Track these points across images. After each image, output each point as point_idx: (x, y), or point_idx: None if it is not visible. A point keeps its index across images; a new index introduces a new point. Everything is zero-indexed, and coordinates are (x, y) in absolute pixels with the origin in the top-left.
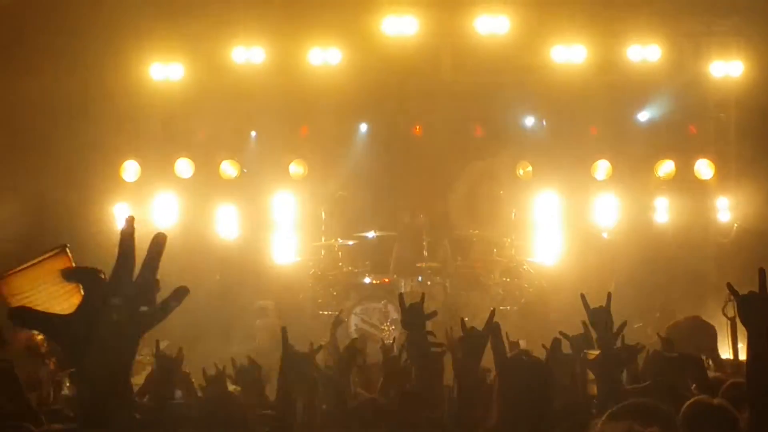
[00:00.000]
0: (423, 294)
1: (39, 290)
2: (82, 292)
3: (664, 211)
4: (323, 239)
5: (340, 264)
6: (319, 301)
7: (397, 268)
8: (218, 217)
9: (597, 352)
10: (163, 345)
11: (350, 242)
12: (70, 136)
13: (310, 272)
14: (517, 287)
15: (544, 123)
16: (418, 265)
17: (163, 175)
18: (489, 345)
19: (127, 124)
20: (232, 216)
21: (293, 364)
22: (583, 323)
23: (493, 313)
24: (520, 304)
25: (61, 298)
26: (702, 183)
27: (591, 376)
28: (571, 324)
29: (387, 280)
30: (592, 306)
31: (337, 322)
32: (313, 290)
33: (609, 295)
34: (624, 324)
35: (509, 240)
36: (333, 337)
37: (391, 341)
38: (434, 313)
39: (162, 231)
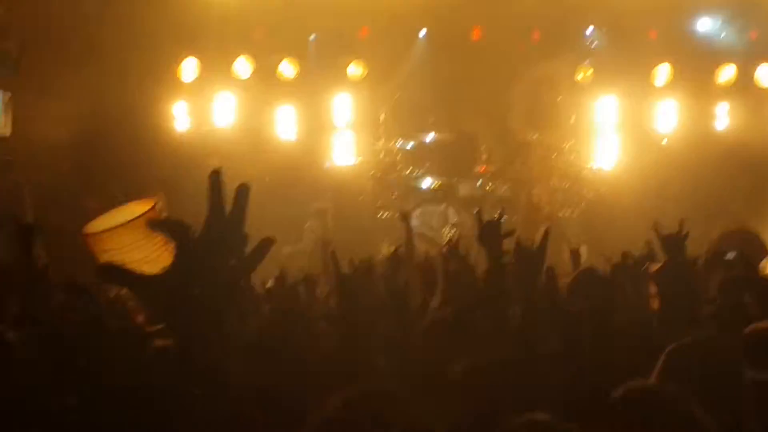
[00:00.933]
0: (503, 209)
1: (130, 249)
2: (173, 250)
3: (724, 117)
4: (382, 141)
5: (400, 166)
6: (378, 203)
7: (456, 172)
8: (277, 117)
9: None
10: None
11: (410, 144)
12: (128, 35)
13: (369, 174)
14: (576, 192)
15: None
16: (477, 169)
17: (222, 75)
18: None
19: (185, 22)
20: (291, 117)
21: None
22: (647, 243)
23: (547, 233)
24: (580, 209)
25: (150, 257)
26: (763, 90)
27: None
28: (630, 228)
29: (446, 183)
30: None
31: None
32: (372, 192)
33: (682, 222)
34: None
35: (568, 145)
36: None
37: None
38: (512, 231)
39: (246, 183)
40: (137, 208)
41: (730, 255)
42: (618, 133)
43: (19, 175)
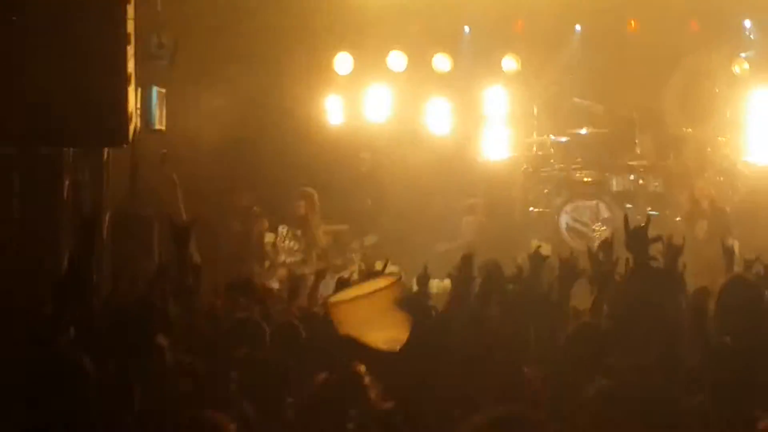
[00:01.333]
0: (648, 217)
1: (369, 321)
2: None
3: None
4: (535, 135)
5: (552, 161)
6: (530, 197)
7: (609, 166)
8: (430, 111)
9: None
10: (371, 240)
11: (563, 139)
12: (282, 29)
13: (522, 168)
14: (730, 186)
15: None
16: (630, 163)
17: (376, 68)
18: None
19: (340, 16)
20: (444, 110)
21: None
22: None
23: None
24: (733, 203)
25: (390, 333)
26: None
27: None
28: None
29: (599, 177)
30: None
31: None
32: (524, 187)
33: None
34: None
35: (724, 139)
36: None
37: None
38: (659, 238)
39: None
40: (380, 283)
41: None
42: None
43: (173, 170)
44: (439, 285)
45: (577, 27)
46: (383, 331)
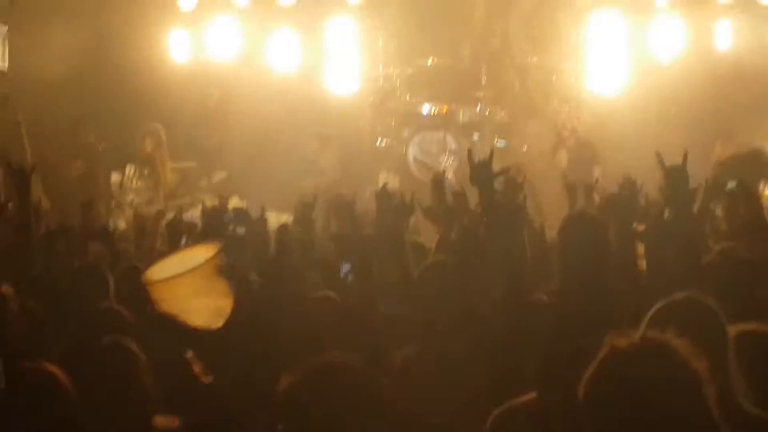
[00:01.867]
0: (492, 151)
1: (188, 298)
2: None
3: (727, 36)
4: (381, 68)
5: (398, 93)
6: (378, 129)
7: (455, 97)
8: (276, 44)
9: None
10: (219, 177)
11: (408, 70)
12: None
13: (368, 101)
14: (576, 115)
15: None
16: (476, 93)
17: (219, 3)
18: None
19: None
20: (290, 43)
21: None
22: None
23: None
24: (579, 132)
25: (210, 306)
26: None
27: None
28: (631, 151)
29: (445, 109)
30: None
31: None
32: (371, 120)
33: (685, 155)
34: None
35: (568, 66)
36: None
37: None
38: (507, 169)
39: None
40: (199, 253)
41: (731, 184)
42: (619, 55)
43: (17, 111)
44: (278, 219)
45: None
46: (207, 302)
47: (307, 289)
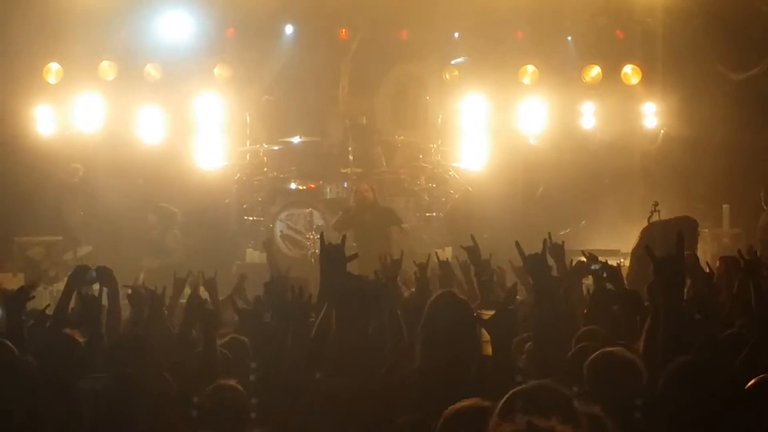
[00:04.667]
0: (344, 236)
1: None
2: None
3: (591, 116)
4: (248, 144)
5: (266, 169)
6: (245, 206)
7: (322, 175)
8: (142, 119)
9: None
10: (84, 251)
11: (275, 147)
12: None
13: (235, 177)
14: (443, 193)
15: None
16: (343, 170)
17: (86, 78)
18: None
19: (49, 25)
20: (157, 119)
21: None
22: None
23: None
24: (446, 210)
25: None
26: (629, 88)
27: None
28: (497, 230)
29: (313, 186)
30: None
31: (269, 244)
32: (239, 196)
33: (545, 241)
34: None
35: (435, 146)
36: (271, 259)
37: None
38: (355, 256)
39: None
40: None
41: (596, 266)
42: (486, 134)
43: None
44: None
45: (288, 29)
46: None
47: None
